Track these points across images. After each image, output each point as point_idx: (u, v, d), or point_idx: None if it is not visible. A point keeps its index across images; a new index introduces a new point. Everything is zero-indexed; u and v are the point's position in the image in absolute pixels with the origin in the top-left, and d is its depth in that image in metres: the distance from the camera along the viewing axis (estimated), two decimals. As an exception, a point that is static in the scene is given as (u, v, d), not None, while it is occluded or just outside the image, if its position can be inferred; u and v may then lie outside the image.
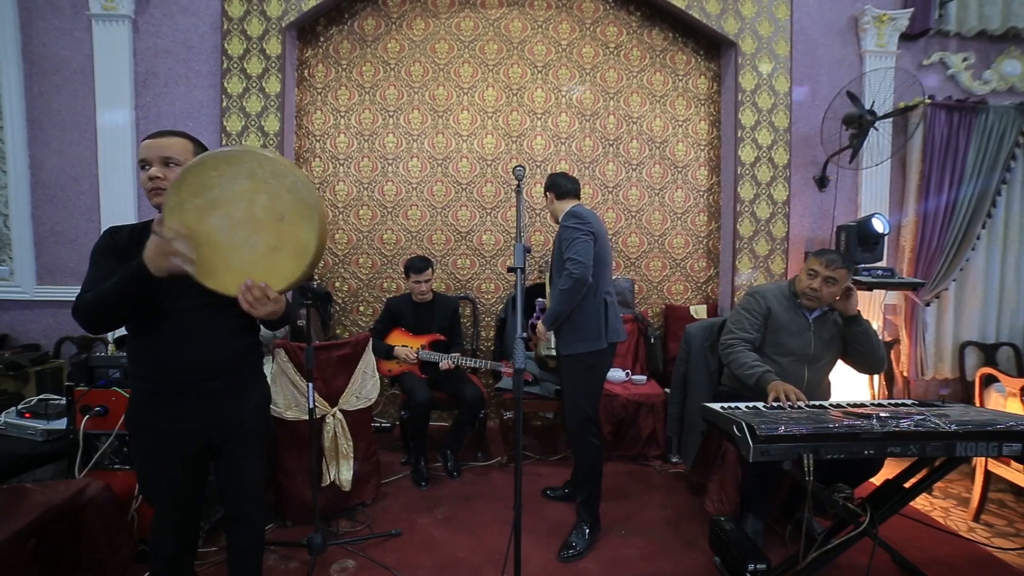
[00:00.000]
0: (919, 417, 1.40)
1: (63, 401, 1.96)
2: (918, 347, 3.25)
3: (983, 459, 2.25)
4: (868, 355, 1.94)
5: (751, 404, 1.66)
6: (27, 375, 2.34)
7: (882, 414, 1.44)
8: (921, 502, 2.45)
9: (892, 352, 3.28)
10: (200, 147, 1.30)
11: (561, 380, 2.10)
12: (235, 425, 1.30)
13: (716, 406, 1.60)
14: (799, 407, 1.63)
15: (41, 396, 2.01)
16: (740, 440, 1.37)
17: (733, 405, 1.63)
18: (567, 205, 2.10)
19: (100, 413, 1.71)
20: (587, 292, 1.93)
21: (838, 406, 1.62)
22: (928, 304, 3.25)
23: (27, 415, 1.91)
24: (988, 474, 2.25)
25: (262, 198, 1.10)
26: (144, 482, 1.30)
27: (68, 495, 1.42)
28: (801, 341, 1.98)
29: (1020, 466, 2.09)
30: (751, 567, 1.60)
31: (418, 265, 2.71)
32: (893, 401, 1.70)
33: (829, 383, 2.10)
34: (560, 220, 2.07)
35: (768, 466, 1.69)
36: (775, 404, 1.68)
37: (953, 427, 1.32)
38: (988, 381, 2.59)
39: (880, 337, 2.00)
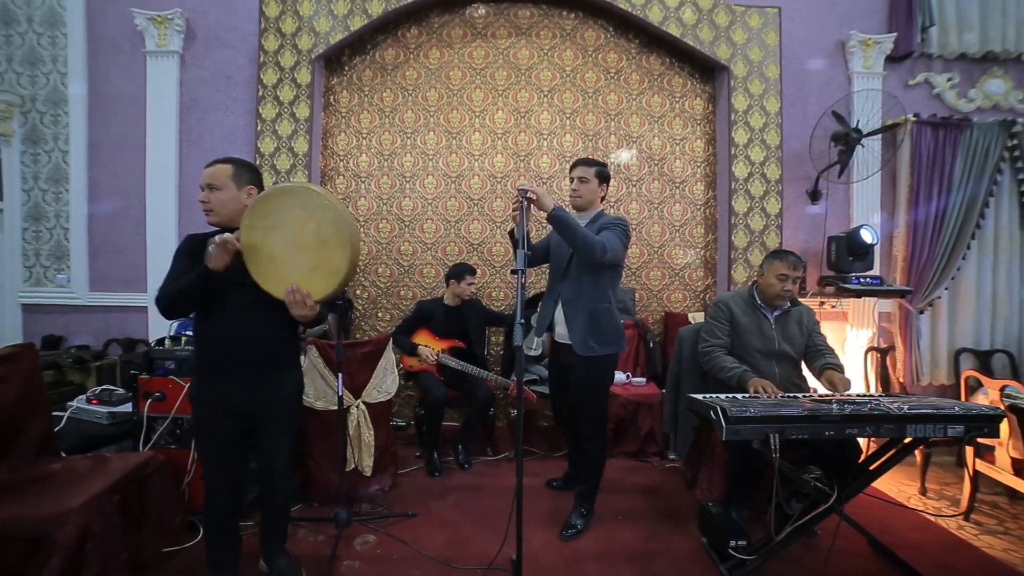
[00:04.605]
0: (875, 403, 1.57)
1: (122, 391, 2.25)
2: (913, 354, 3.34)
3: (973, 460, 2.36)
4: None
5: (731, 394, 1.84)
6: (89, 369, 2.65)
7: (843, 401, 1.62)
8: (914, 502, 2.55)
9: (888, 358, 3.39)
10: (241, 167, 1.57)
11: (575, 384, 2.14)
12: (273, 403, 1.56)
13: (699, 396, 1.79)
14: (774, 398, 1.81)
15: (104, 386, 2.30)
16: (715, 422, 1.56)
17: (714, 395, 1.81)
18: (601, 202, 2.21)
19: (159, 398, 1.97)
20: (610, 299, 2.12)
21: (808, 396, 1.80)
22: (922, 312, 3.34)
23: (94, 401, 2.20)
24: (977, 474, 2.36)
25: (311, 225, 1.39)
26: (201, 445, 1.59)
27: (138, 463, 1.68)
28: (765, 339, 2.16)
29: (1011, 468, 2.18)
30: (733, 544, 1.77)
31: (471, 268, 3.03)
32: (861, 393, 1.86)
33: (804, 378, 2.25)
34: (597, 213, 2.15)
35: (752, 456, 1.86)
36: (754, 395, 1.86)
37: (904, 410, 1.49)
38: (976, 386, 2.70)
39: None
